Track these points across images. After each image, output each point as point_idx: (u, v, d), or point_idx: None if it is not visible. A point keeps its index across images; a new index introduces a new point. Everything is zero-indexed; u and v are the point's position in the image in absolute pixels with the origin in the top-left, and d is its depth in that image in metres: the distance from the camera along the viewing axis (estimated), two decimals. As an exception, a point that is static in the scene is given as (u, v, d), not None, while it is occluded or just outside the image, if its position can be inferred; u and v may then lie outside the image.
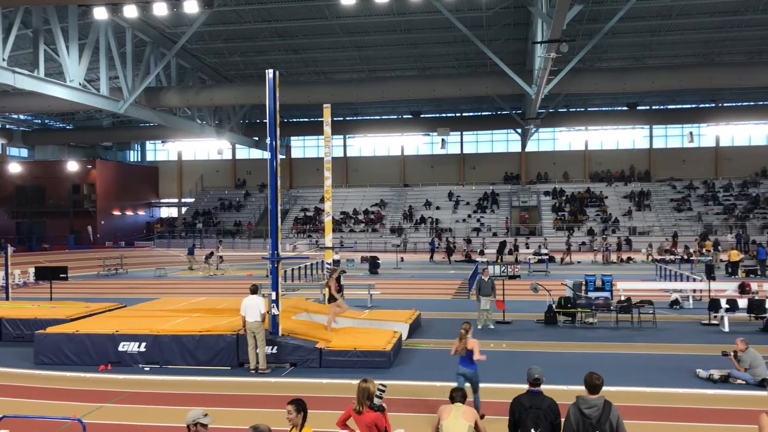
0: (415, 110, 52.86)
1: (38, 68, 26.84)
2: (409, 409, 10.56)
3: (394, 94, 36.51)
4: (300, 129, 56.04)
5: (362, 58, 39.22)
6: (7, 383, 12.91)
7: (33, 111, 43.33)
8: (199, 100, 37.33)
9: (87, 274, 35.28)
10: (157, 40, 34.35)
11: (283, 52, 37.94)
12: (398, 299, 23.28)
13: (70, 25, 28.13)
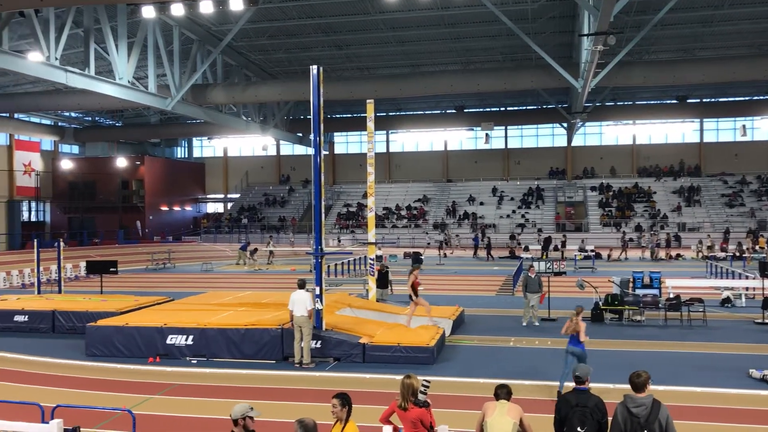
0: (459, 105, 52.55)
1: (89, 67, 27.50)
2: (452, 406, 10.51)
3: (438, 88, 36.34)
4: (343, 125, 56.26)
5: (405, 53, 39.14)
6: (60, 374, 13.28)
7: (84, 109, 44.49)
8: (245, 97, 37.77)
9: (136, 268, 36.08)
10: (204, 37, 34.86)
11: (326, 48, 38.11)
12: (441, 295, 23.19)
13: (119, 24, 28.75)
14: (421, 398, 6.64)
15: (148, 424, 9.63)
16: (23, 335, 17.55)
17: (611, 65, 28.58)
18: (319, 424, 5.64)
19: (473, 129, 54.33)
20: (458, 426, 8.49)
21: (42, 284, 24.01)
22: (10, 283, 28.76)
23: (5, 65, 24.58)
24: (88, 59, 27.55)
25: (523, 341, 15.68)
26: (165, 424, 9.90)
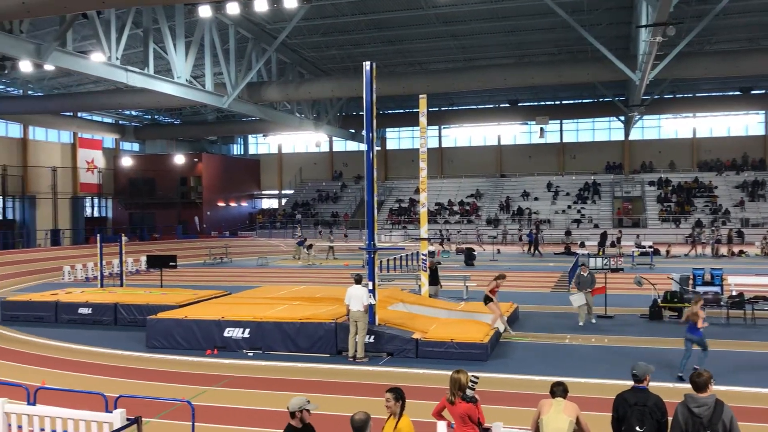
0: (513, 99, 51.92)
1: (148, 66, 28.20)
2: (506, 403, 10.44)
3: (491, 82, 35.98)
4: (395, 120, 56.25)
5: (458, 47, 38.90)
6: (123, 365, 13.71)
7: (143, 107, 45.71)
8: (298, 94, 38.14)
9: (194, 262, 36.91)
10: (258, 36, 35.33)
11: (378, 44, 38.18)
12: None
13: (177, 23, 29.38)
14: (468, 393, 6.63)
15: (207, 415, 9.86)
16: (87, 327, 18.19)
17: (670, 57, 27.79)
18: (372, 418, 5.68)
19: (527, 123, 53.63)
20: (513, 423, 8.42)
21: (104, 278, 24.82)
22: (75, 276, 29.80)
23: (69, 66, 25.43)
24: (147, 59, 28.26)
25: (579, 338, 15.45)
26: (223, 416, 10.12)
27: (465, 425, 6.64)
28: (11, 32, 22.21)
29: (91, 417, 7.53)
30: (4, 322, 18.93)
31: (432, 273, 19.92)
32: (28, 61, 24.50)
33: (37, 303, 19.40)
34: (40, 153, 46.80)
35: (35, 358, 14.20)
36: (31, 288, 26.38)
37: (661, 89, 44.93)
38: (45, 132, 48.00)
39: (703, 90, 49.22)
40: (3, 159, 42.63)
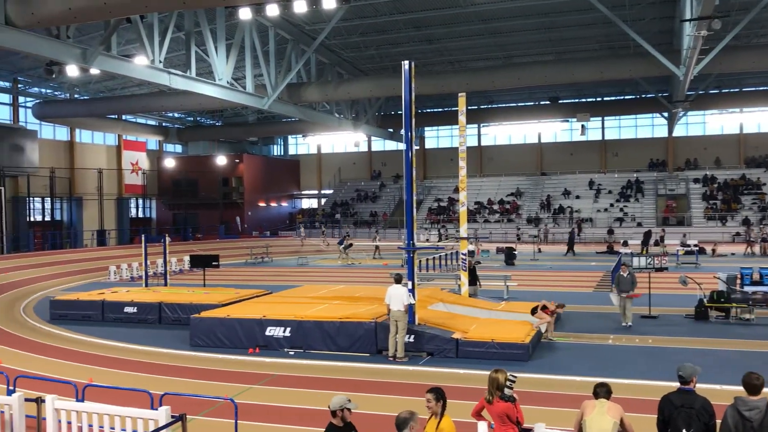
0: (553, 96, 51.30)
1: (190, 69, 28.65)
2: (548, 403, 10.33)
3: (531, 80, 35.61)
4: (434, 119, 56.09)
5: (497, 45, 38.61)
6: (167, 363, 13.95)
7: (186, 109, 46.45)
8: (337, 95, 38.32)
9: (236, 262, 37.39)
10: (298, 37, 35.61)
11: (417, 43, 38.12)
12: (536, 291, 22.79)
13: (218, 26, 29.78)
14: (507, 392, 6.59)
15: (250, 413, 9.98)
16: (132, 326, 18.57)
17: (716, 51, 27.11)
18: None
19: (568, 120, 52.91)
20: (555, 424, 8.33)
21: (149, 277, 25.28)
22: (120, 276, 30.44)
23: (114, 69, 26.00)
24: (189, 61, 28.71)
25: (622, 339, 15.21)
26: (265, 414, 10.22)
27: (504, 425, 6.60)
28: (58, 37, 22.78)
29: (137, 414, 7.69)
30: (52, 320, 19.44)
31: (471, 272, 19.80)
32: (74, 66, 25.14)
33: (85, 302, 19.87)
34: (86, 155, 47.95)
35: (83, 356, 14.55)
36: (79, 287, 27.05)
37: (707, 84, 43.89)
38: (91, 135, 49.14)
39: (749, 84, 47.90)
40: (51, 161, 43.81)
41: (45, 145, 43.62)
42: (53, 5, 19.85)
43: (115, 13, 20.67)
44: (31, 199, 42.67)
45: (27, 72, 40.29)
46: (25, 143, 40.76)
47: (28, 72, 40.24)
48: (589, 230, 45.25)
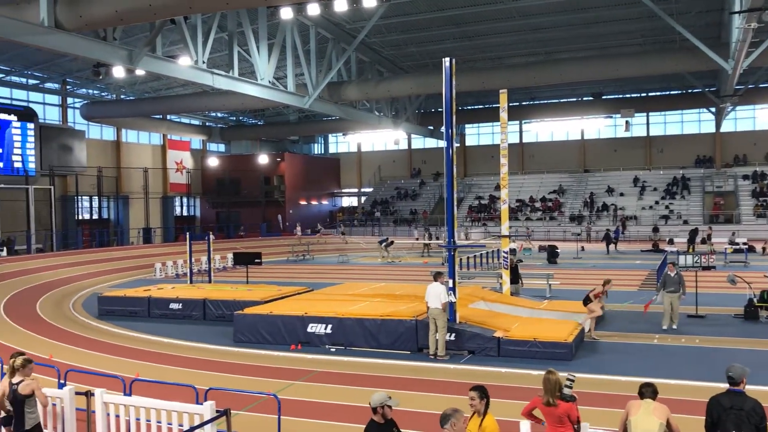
0: (596, 92, 50.52)
1: (233, 69, 29.03)
2: (591, 403, 10.18)
3: (573, 75, 35.16)
4: (474, 116, 55.79)
5: (538, 41, 38.18)
6: (211, 358, 14.17)
7: (229, 109, 47.06)
8: (377, 93, 38.40)
9: (277, 259, 37.76)
10: (338, 36, 35.77)
11: (457, 40, 37.94)
12: (579, 290, 22.47)
13: (259, 26, 30.11)
14: (567, 392, 6.52)
15: (292, 409, 10.07)
16: (178, 321, 18.91)
17: (767, 43, 26.38)
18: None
19: (612, 116, 52.06)
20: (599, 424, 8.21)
21: (193, 274, 25.72)
22: (166, 273, 31.01)
23: (159, 70, 26.51)
24: (232, 61, 29.10)
25: (668, 339, 14.91)
26: (307, 410, 10.31)
27: (562, 425, 6.52)
28: (105, 39, 23.32)
29: (183, 408, 7.82)
30: (100, 316, 19.92)
31: (513, 271, 19.64)
32: (121, 67, 25.70)
33: (131, 298, 20.31)
34: (132, 155, 48.98)
35: (130, 351, 14.87)
36: (125, 284, 27.66)
37: (756, 78, 42.71)
38: (137, 134, 50.20)
39: (803, 77, 46.48)
40: (98, 161, 44.87)
41: (92, 145, 44.71)
42: (100, 8, 20.33)
43: (159, 14, 21.07)
44: (80, 198, 43.80)
45: (75, 74, 41.34)
46: (73, 143, 41.86)
47: (76, 74, 41.29)
48: (633, 228, 44.45)
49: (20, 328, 17.57)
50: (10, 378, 7.49)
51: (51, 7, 20.18)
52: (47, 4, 19.98)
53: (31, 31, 20.13)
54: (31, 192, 34.93)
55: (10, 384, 7.44)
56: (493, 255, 30.52)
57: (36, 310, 20.74)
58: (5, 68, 38.94)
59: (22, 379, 7.46)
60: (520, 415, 6.99)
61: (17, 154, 36.79)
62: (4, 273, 27.13)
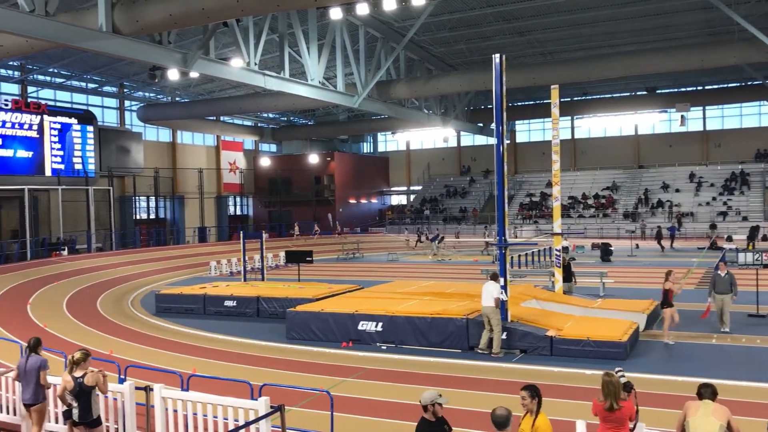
0: (650, 86, 49.36)
1: (284, 70, 29.40)
2: (648, 404, 9.97)
3: (627, 70, 34.42)
4: (525, 112, 55.16)
5: (590, 35, 37.51)
6: (264, 355, 14.42)
7: (280, 109, 47.64)
8: (426, 90, 38.33)
9: (328, 257, 38.09)
10: (387, 34, 35.83)
11: (507, 36, 37.56)
12: (633, 288, 22.08)
13: (310, 27, 30.39)
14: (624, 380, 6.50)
15: (344, 405, 10.17)
16: (232, 318, 19.30)
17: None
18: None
19: (667, 111, 50.74)
20: (656, 425, 8.07)
21: (247, 272, 26.16)
22: (220, 271, 31.64)
23: (212, 72, 27.03)
24: (283, 63, 29.46)
25: (727, 338, 14.51)
26: (359, 406, 10.41)
27: (622, 426, 6.42)
28: (160, 43, 23.89)
29: (238, 404, 7.99)
30: (158, 313, 20.47)
31: (566, 269, 19.38)
32: (175, 70, 26.31)
33: (187, 296, 20.81)
34: (187, 156, 50.09)
35: (186, 348, 15.24)
36: (182, 282, 28.33)
37: (821, 68, 41.10)
38: (191, 136, 51.32)
39: None
40: (155, 162, 46.02)
41: (149, 146, 45.89)
42: (155, 12, 20.85)
43: (212, 17, 21.48)
44: (137, 198, 45.01)
45: (132, 77, 42.51)
46: (131, 145, 43.05)
47: (133, 77, 42.45)
48: (689, 225, 43.31)
49: (82, 325, 18.17)
50: (71, 373, 7.77)
51: (109, 12, 20.79)
52: (105, 10, 20.58)
53: (91, 36, 20.77)
54: (91, 193, 36.05)
55: (74, 378, 7.71)
56: (544, 253, 30.15)
57: (97, 308, 21.42)
58: (66, 73, 40.30)
59: (85, 372, 7.74)
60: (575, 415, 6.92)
61: (78, 156, 38.03)
62: (66, 272, 28.09)
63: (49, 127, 36.42)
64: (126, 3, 21.29)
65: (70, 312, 20.24)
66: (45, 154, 36.29)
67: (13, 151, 34.75)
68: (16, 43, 21.95)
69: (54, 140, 36.70)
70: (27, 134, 35.36)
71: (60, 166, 36.64)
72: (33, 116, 35.68)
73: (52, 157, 36.59)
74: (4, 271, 26.98)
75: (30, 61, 37.01)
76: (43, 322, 17.93)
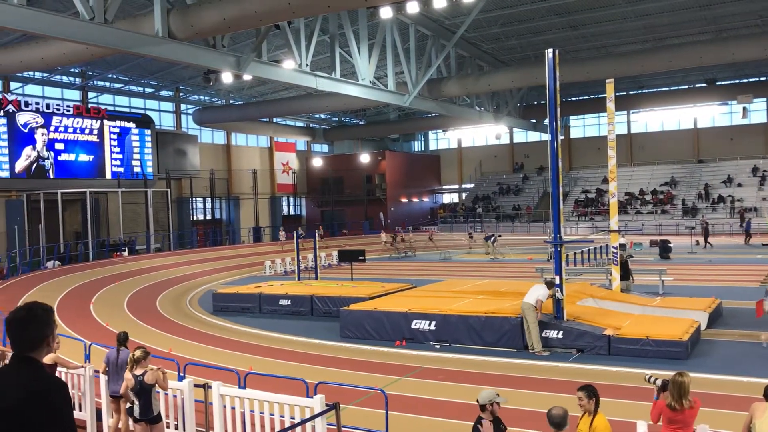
0: (710, 78, 47.87)
1: (335, 70, 29.60)
2: (710, 405, 9.68)
3: (685, 62, 33.47)
4: (579, 107, 54.18)
5: (646, 27, 36.60)
6: (319, 353, 14.54)
7: (331, 110, 48.00)
8: (478, 87, 38.04)
9: (380, 256, 38.18)
10: (437, 32, 35.71)
11: (560, 30, 36.97)
12: (694, 286, 21.45)
13: (360, 27, 30.52)
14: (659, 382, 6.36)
15: (399, 404, 10.17)
16: (287, 317, 19.53)
17: None
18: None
19: (727, 103, 49.15)
20: (720, 426, 7.83)
21: (301, 271, 26.45)
22: (275, 270, 32.07)
23: (265, 75, 27.41)
24: (334, 63, 29.67)
25: (795, 338, 13.93)
26: (413, 405, 10.39)
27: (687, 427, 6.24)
28: (214, 47, 24.35)
29: (294, 401, 8.07)
30: (215, 312, 20.87)
31: (623, 267, 18.97)
32: (229, 73, 26.78)
33: (243, 295, 21.17)
34: (241, 157, 50.96)
35: (243, 346, 15.48)
36: (237, 281, 28.82)
37: None
38: (245, 138, 52.17)
39: None
40: (211, 164, 46.95)
41: (205, 148, 46.85)
42: (209, 17, 21.25)
43: (265, 20, 21.78)
44: (194, 200, 45.98)
45: (187, 81, 43.45)
46: (187, 147, 44.02)
47: (188, 81, 43.39)
48: (753, 220, 41.84)
49: (142, 323, 18.66)
50: (131, 371, 7.98)
51: (164, 18, 21.28)
52: (161, 16, 21.09)
53: (147, 42, 21.31)
54: (149, 194, 37.02)
55: (134, 376, 7.92)
56: (600, 251, 29.57)
57: (156, 306, 21.97)
58: (124, 78, 41.46)
59: (145, 370, 7.94)
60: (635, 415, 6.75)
61: (136, 159, 39.09)
62: (127, 272, 28.90)
63: (108, 131, 37.55)
64: (181, 8, 21.76)
65: (130, 311, 20.82)
66: (105, 157, 37.43)
67: (75, 155, 35.96)
68: (78, 50, 22.66)
69: (113, 144, 37.82)
70: (88, 138, 36.54)
71: (119, 169, 37.73)
72: (93, 121, 36.86)
73: (112, 161, 37.72)
74: (69, 271, 27.93)
75: (90, 68, 38.21)
76: (105, 321, 18.48)
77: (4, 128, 32.86)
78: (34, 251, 31.16)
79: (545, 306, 13.84)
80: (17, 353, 3.23)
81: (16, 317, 3.25)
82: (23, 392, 3.05)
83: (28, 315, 3.26)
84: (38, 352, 3.25)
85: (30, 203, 34.13)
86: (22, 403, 3.01)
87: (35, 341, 3.24)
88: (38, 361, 3.25)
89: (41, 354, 3.27)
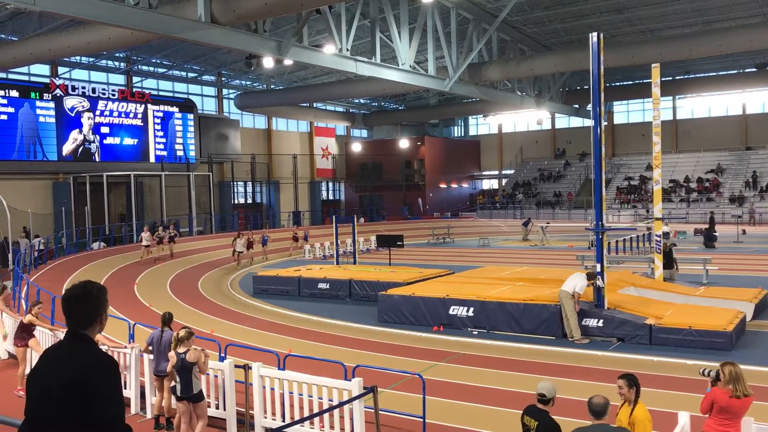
0: (761, 62, 46.40)
1: (375, 55, 29.51)
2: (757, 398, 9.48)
3: (734, 46, 32.48)
4: (623, 92, 53.10)
5: (695, 10, 35.59)
6: (357, 337, 14.64)
7: (371, 95, 48.04)
8: (519, 72, 37.54)
9: (418, 242, 38.16)
10: (479, 16, 35.30)
11: (605, 14, 36.22)
12: (740, 276, 20.97)
13: (401, 11, 30.34)
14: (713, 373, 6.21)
15: (436, 389, 10.18)
16: (325, 301, 19.70)
17: None
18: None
19: (778, 88, 47.66)
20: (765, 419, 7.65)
21: (339, 256, 26.60)
22: (314, 254, 32.32)
23: (306, 59, 27.48)
24: (374, 48, 29.58)
25: None
26: (451, 391, 10.39)
27: (738, 418, 6.13)
28: (256, 32, 24.49)
29: (333, 384, 8.17)
30: (255, 294, 21.15)
31: (666, 255, 18.62)
32: (270, 58, 26.89)
33: (283, 278, 21.40)
34: (282, 142, 51.35)
35: (282, 328, 15.68)
36: (278, 264, 29.13)
37: None
38: (286, 122, 52.54)
39: None
40: (252, 148, 47.42)
41: (246, 133, 47.33)
42: (251, 1, 21.37)
43: (306, 5, 21.82)
44: (235, 183, 46.56)
45: (229, 66, 43.85)
46: (229, 132, 44.54)
47: (230, 66, 43.79)
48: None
49: (184, 305, 19.01)
50: (175, 349, 8.17)
51: (207, 3, 21.46)
52: (203, 1, 21.27)
53: (190, 27, 21.53)
54: (192, 178, 37.55)
55: (177, 354, 8.11)
56: (643, 239, 29.08)
57: (198, 288, 22.36)
58: (167, 63, 42.04)
59: (188, 349, 8.11)
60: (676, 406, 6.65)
61: (179, 143, 39.72)
62: (169, 254, 29.41)
63: (152, 115, 38.19)
64: (223, -7, 21.92)
65: (173, 292, 21.23)
66: (149, 141, 38.11)
67: (120, 138, 36.68)
68: (122, 35, 23.03)
69: (157, 128, 38.47)
70: (132, 122, 37.23)
71: (163, 153, 38.37)
72: (138, 105, 37.50)
73: (155, 144, 38.39)
74: (114, 252, 28.57)
75: (134, 53, 38.83)
76: (149, 302, 18.89)
77: (52, 112, 33.68)
78: (80, 233, 31.96)
79: (585, 294, 13.68)
80: (71, 330, 3.32)
81: (72, 294, 3.34)
82: (77, 368, 3.14)
83: (83, 292, 3.35)
84: (92, 329, 3.34)
85: (76, 186, 34.97)
86: (75, 379, 3.10)
87: (89, 318, 3.32)
88: (91, 338, 3.34)
89: (94, 331, 3.36)
